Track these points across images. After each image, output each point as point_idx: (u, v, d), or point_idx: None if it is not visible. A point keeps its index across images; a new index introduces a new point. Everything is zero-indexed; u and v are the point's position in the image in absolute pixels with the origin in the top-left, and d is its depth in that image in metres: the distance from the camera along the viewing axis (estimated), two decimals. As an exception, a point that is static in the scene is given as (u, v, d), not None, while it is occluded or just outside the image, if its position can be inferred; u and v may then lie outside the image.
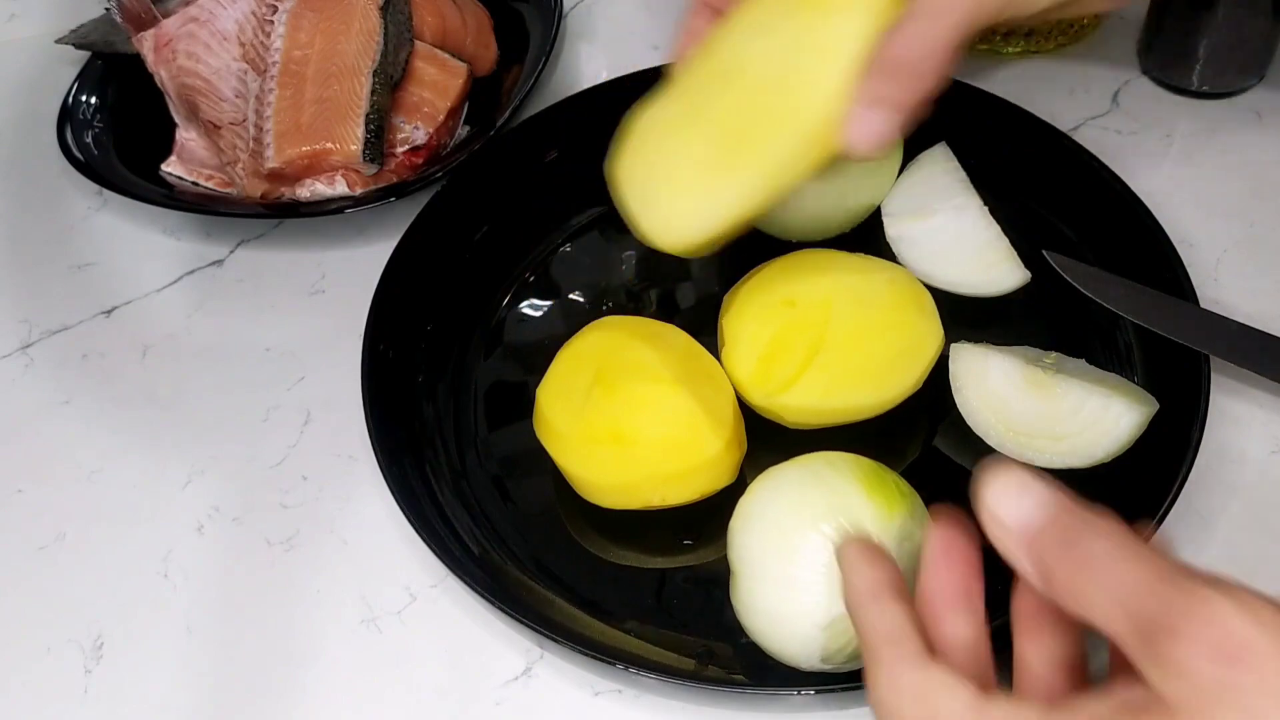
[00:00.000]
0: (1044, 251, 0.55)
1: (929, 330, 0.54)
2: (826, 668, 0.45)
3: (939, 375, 0.54)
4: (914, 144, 0.61)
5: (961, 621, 0.37)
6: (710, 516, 0.53)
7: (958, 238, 0.58)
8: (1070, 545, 0.32)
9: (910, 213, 0.59)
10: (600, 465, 0.51)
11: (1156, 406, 0.51)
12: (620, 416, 0.50)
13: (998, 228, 0.58)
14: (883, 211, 0.60)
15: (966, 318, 0.57)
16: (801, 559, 0.44)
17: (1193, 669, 0.28)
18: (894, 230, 0.59)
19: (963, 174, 0.59)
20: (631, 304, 0.62)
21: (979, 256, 0.58)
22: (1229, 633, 0.28)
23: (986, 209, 0.59)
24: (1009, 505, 0.33)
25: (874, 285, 0.54)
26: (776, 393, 0.52)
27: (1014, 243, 0.58)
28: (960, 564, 0.37)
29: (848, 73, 0.41)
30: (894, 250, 0.59)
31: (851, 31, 0.41)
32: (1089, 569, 0.31)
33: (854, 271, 0.55)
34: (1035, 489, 0.33)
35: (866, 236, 0.60)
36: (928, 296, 0.55)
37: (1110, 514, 0.32)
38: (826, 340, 0.52)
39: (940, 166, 0.60)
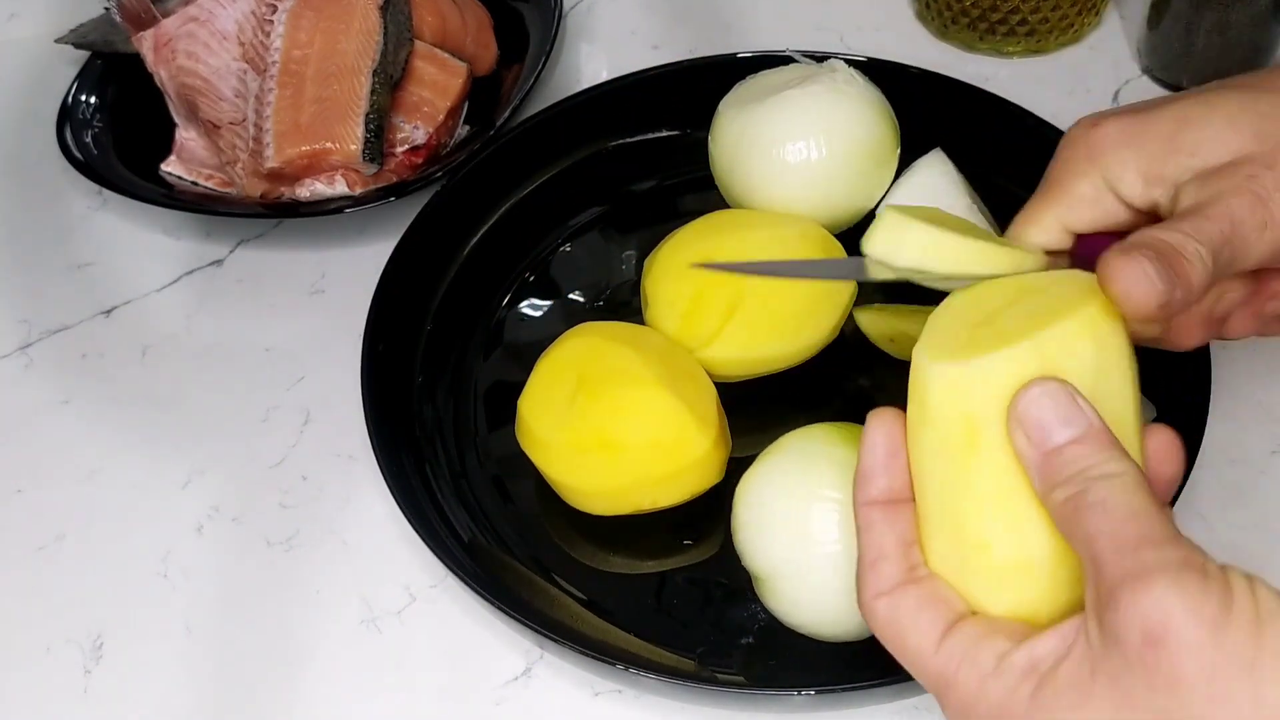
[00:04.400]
0: (695, 264, 0.53)
1: None
2: None
3: (855, 321, 0.58)
4: (913, 148, 0.61)
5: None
6: (707, 516, 0.53)
7: None
8: (1074, 481, 0.33)
9: None
10: (589, 472, 0.51)
11: (1153, 413, 0.51)
12: (607, 422, 0.51)
13: (986, 224, 0.58)
14: (876, 215, 0.60)
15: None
16: (826, 534, 0.44)
17: (1123, 640, 0.30)
18: None
19: (958, 176, 0.59)
20: (635, 300, 0.62)
21: None
22: (1160, 617, 0.29)
23: (975, 207, 0.59)
24: (1037, 414, 0.34)
25: (786, 239, 0.56)
26: (700, 347, 0.54)
27: (1014, 243, 0.58)
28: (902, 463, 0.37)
29: None
30: None
31: None
32: (1079, 513, 0.32)
33: (766, 227, 0.57)
34: (1067, 407, 0.33)
35: (860, 238, 0.60)
36: (838, 246, 0.57)
37: (1126, 459, 0.33)
38: (744, 294, 0.54)
39: (935, 171, 0.59)
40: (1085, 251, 0.43)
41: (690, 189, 0.67)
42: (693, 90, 0.66)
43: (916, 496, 0.37)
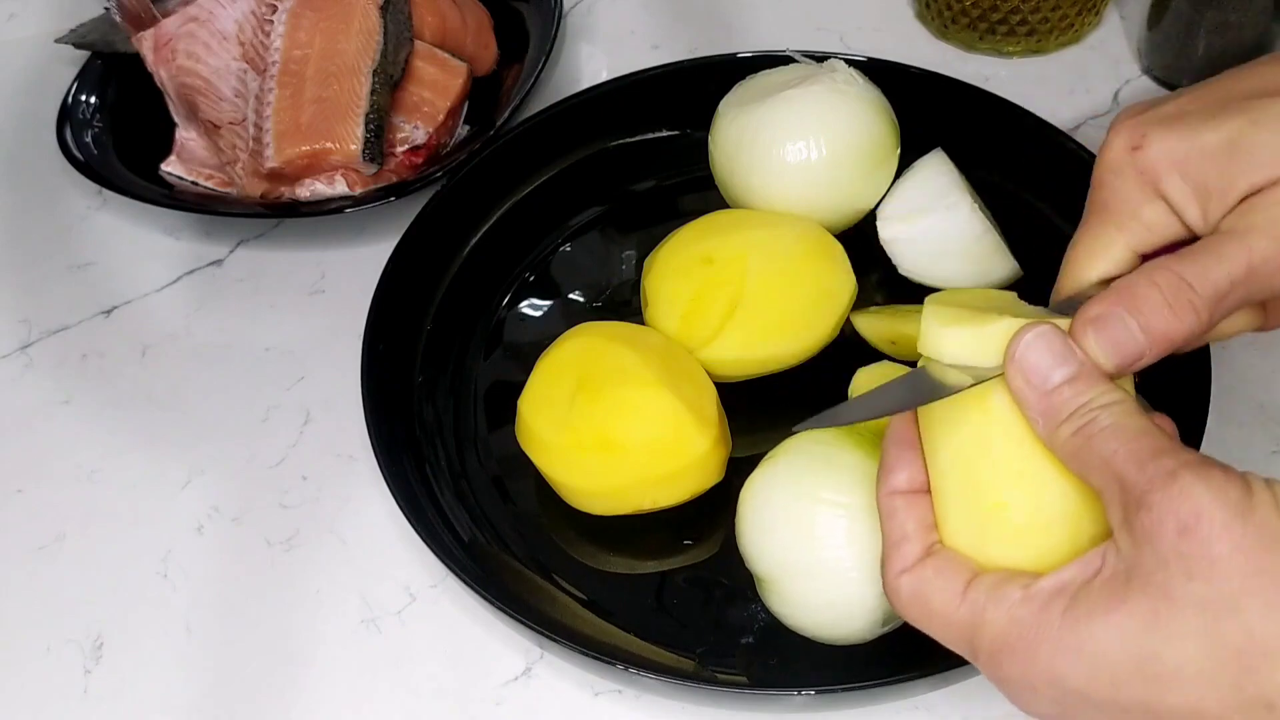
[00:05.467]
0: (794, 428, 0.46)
1: (841, 279, 0.56)
2: (886, 629, 0.46)
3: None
4: (913, 148, 0.61)
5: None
6: (707, 516, 0.53)
7: (949, 236, 0.58)
8: (1079, 414, 0.34)
9: (903, 215, 0.59)
10: (589, 472, 0.51)
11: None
12: (607, 422, 0.50)
13: (988, 224, 0.58)
14: (877, 215, 0.60)
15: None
16: (831, 538, 0.44)
17: (1158, 538, 0.31)
18: (887, 233, 0.59)
19: (958, 176, 0.59)
20: (635, 300, 0.62)
21: (969, 253, 0.58)
22: (1191, 506, 0.31)
23: (978, 207, 0.58)
24: (1034, 358, 0.35)
25: (786, 239, 0.56)
26: (700, 347, 0.54)
27: (1013, 242, 0.58)
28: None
29: None
30: (888, 252, 0.59)
31: None
32: (1092, 440, 0.33)
33: (766, 227, 0.57)
34: (1060, 348, 0.35)
35: (860, 239, 0.60)
36: (839, 247, 0.57)
37: (1120, 389, 0.34)
38: (744, 294, 0.54)
39: (936, 170, 0.59)
40: None
41: (690, 189, 0.67)
42: (693, 90, 0.66)
43: (930, 474, 0.38)
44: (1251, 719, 0.30)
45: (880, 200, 0.60)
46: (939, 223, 0.58)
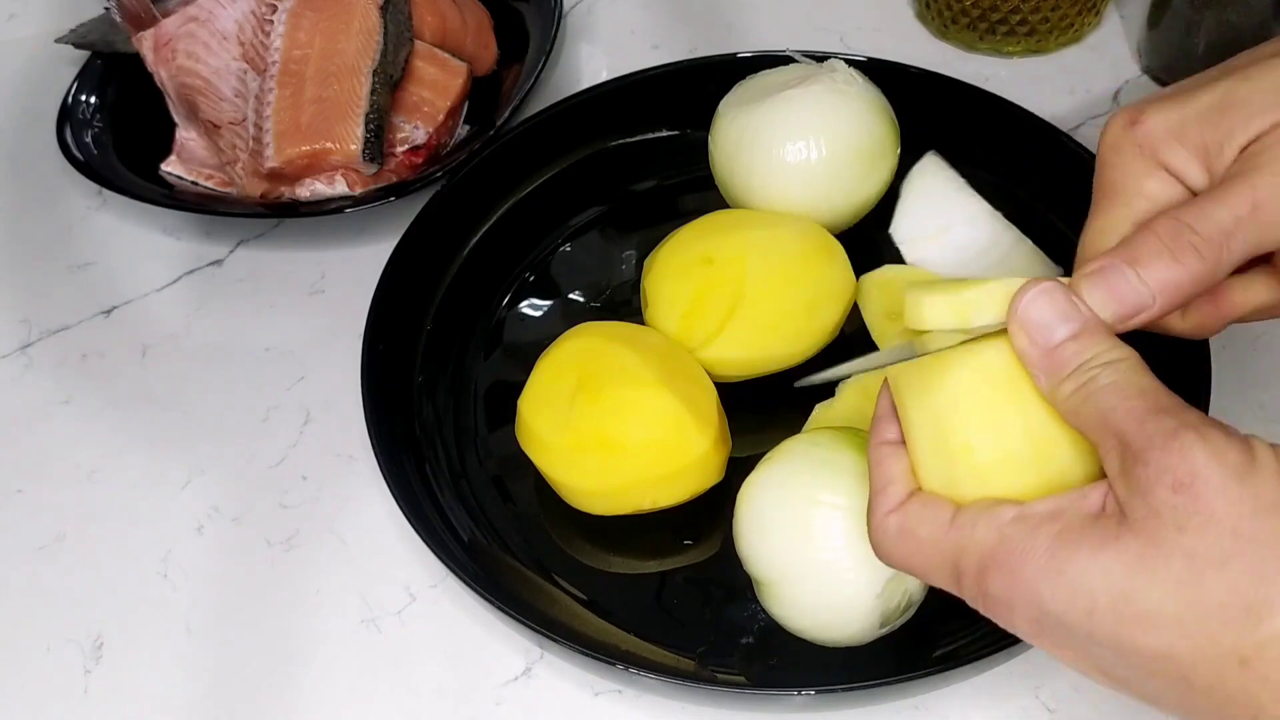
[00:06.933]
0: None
1: (841, 278, 0.56)
2: (884, 631, 0.46)
3: (855, 320, 0.57)
4: (913, 148, 0.61)
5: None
6: (706, 516, 0.53)
7: (981, 249, 0.57)
8: (1082, 370, 0.34)
9: (924, 234, 0.58)
10: (589, 472, 0.51)
11: None
12: (607, 422, 0.50)
13: (1015, 230, 0.58)
14: (894, 238, 0.59)
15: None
16: (828, 540, 0.44)
17: (1152, 492, 0.31)
18: (913, 255, 0.59)
19: (959, 179, 0.59)
20: (635, 300, 0.62)
21: (1007, 263, 0.58)
22: (1189, 466, 0.31)
23: (998, 213, 0.58)
24: (1036, 314, 0.35)
25: (786, 238, 0.56)
26: (701, 347, 0.54)
27: (1014, 243, 0.59)
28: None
29: None
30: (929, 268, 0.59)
31: None
32: (1092, 397, 0.34)
33: (766, 226, 0.57)
34: (1064, 305, 0.35)
35: (860, 239, 0.60)
36: (838, 246, 0.57)
37: (1125, 347, 0.35)
38: (745, 294, 0.54)
39: (935, 178, 0.59)
40: None
41: (690, 189, 0.67)
42: (693, 90, 0.66)
43: (904, 428, 0.39)
44: (1223, 671, 0.30)
45: (879, 202, 0.60)
46: (963, 236, 0.58)
